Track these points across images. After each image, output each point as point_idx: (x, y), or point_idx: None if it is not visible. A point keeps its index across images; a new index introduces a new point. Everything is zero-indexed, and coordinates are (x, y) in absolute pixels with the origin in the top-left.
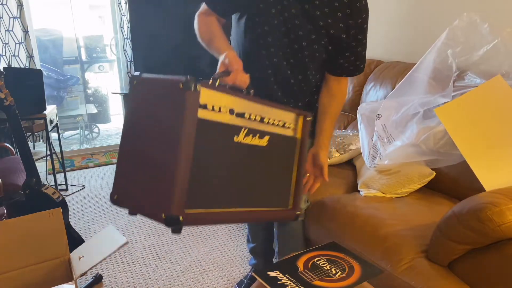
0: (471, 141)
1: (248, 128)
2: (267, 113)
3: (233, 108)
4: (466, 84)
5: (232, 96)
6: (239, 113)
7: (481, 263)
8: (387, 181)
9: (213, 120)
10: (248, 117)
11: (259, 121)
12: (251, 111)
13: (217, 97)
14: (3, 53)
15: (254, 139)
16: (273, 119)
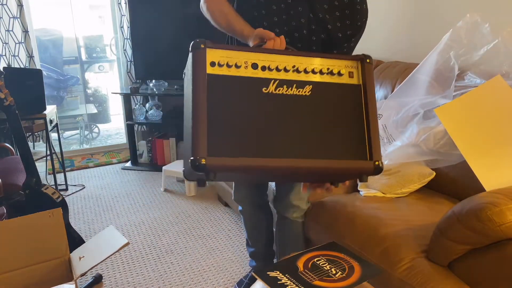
0: (471, 141)
1: (279, 80)
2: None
3: (256, 62)
4: (466, 84)
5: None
6: (264, 67)
7: (481, 263)
8: (387, 181)
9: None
10: (276, 69)
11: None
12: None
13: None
14: (3, 53)
15: (290, 89)
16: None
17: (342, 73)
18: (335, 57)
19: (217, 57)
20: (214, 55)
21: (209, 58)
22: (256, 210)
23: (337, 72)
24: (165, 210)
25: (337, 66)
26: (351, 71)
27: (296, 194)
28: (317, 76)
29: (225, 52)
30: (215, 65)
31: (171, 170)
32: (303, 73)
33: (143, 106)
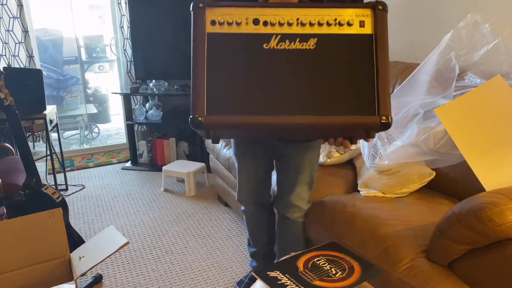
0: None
1: (281, 34)
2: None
3: (257, 18)
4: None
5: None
6: (266, 22)
7: (481, 263)
8: (387, 181)
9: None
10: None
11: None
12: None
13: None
14: (3, 53)
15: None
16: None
17: (351, 23)
18: (345, 6)
19: (218, 15)
20: (215, 13)
21: (209, 16)
22: (259, 210)
23: (346, 22)
24: (165, 210)
25: (347, 15)
26: (362, 20)
27: (297, 194)
28: (323, 28)
29: (225, 10)
30: (215, 23)
31: (171, 170)
32: (308, 26)
33: (143, 106)
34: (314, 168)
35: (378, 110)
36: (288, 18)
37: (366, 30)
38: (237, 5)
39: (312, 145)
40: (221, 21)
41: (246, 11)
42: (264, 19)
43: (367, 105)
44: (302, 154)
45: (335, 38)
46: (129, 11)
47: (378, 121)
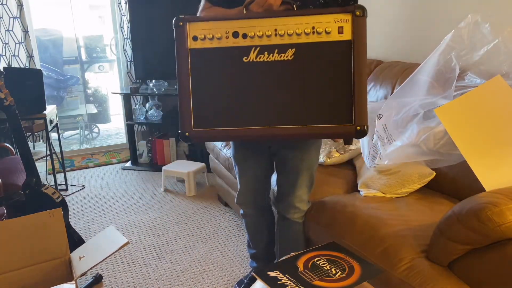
0: (471, 141)
1: (259, 46)
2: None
3: (237, 31)
4: (466, 84)
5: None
6: (245, 34)
7: (481, 263)
8: (387, 181)
9: (212, 47)
10: (258, 36)
11: (273, 35)
12: (262, 29)
13: (214, 26)
14: (3, 53)
15: (272, 55)
16: (298, 30)
17: (329, 30)
18: (323, 12)
19: (199, 31)
20: (196, 29)
21: (191, 32)
22: (258, 213)
23: (324, 30)
24: (165, 210)
25: (324, 22)
26: (341, 25)
27: (297, 196)
28: (301, 37)
29: (206, 24)
30: (197, 39)
31: (171, 170)
32: (286, 36)
33: (143, 106)
34: (313, 169)
35: (354, 119)
36: (266, 29)
37: (345, 37)
38: (216, 19)
39: (311, 146)
40: (201, 36)
41: (225, 24)
42: (243, 31)
43: (343, 114)
44: (301, 156)
45: (313, 46)
46: (129, 11)
47: (353, 130)
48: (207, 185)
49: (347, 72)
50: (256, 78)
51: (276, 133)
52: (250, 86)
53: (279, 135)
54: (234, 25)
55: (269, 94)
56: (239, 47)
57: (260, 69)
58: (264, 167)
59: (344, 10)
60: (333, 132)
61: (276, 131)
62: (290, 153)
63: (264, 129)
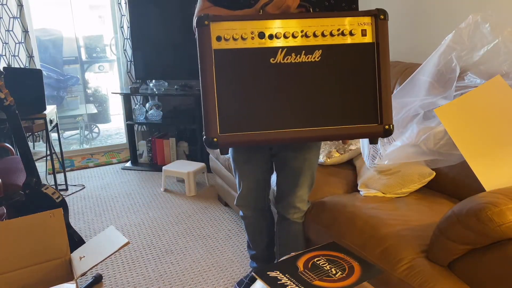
0: (471, 141)
1: (287, 48)
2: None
3: (263, 31)
4: (466, 84)
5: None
6: (271, 35)
7: (481, 263)
8: (387, 181)
9: (237, 48)
10: (284, 37)
11: (300, 37)
12: (289, 30)
13: (239, 26)
14: (3, 53)
15: (299, 57)
16: (324, 31)
17: (354, 32)
18: (347, 15)
19: (223, 31)
20: (220, 29)
21: (214, 32)
22: (258, 215)
23: (349, 32)
24: (165, 210)
25: (349, 24)
26: (364, 28)
27: (297, 196)
28: (327, 39)
29: (230, 24)
30: (221, 39)
31: (171, 170)
32: (312, 37)
33: (143, 106)
34: (313, 169)
35: (381, 118)
36: (293, 30)
37: (368, 39)
38: (241, 19)
39: (311, 147)
40: (226, 36)
41: (250, 24)
42: (270, 32)
43: (371, 114)
44: (301, 156)
45: (338, 48)
46: (129, 11)
47: (381, 130)
48: (207, 185)
49: (372, 73)
50: (283, 80)
51: (305, 136)
52: (277, 88)
53: (308, 137)
54: (260, 25)
55: (297, 96)
56: (266, 48)
57: (287, 71)
58: (264, 169)
59: (367, 13)
60: (361, 132)
61: (305, 133)
62: (292, 153)
63: (293, 132)
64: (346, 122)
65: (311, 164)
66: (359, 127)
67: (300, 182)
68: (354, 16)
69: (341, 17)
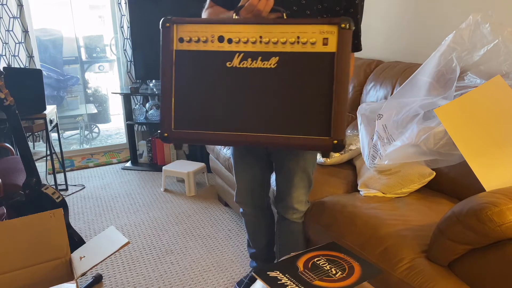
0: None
1: (243, 52)
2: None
3: (222, 35)
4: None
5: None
6: (230, 39)
7: (481, 263)
8: (387, 181)
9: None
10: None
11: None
12: (247, 35)
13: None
14: (3, 53)
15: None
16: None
17: (314, 41)
18: (309, 22)
19: (186, 33)
20: (183, 31)
21: (177, 34)
22: (258, 213)
23: (309, 41)
24: (165, 210)
25: (310, 33)
26: (326, 37)
27: (295, 197)
28: (286, 46)
29: (193, 27)
30: (183, 41)
31: (171, 170)
32: (271, 44)
33: (143, 106)
34: (311, 170)
35: (332, 132)
36: (252, 35)
37: (330, 48)
38: (203, 22)
39: None
40: (188, 38)
41: (212, 28)
42: (229, 36)
43: (322, 127)
44: (297, 157)
45: (297, 56)
46: (129, 11)
47: (330, 144)
48: (207, 185)
49: (328, 84)
50: (238, 84)
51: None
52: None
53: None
54: (220, 29)
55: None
56: (223, 52)
57: (242, 76)
58: (261, 166)
59: (330, 22)
60: (311, 144)
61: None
62: (286, 153)
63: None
64: (297, 132)
65: (306, 164)
66: (310, 138)
67: (295, 183)
68: (317, 24)
69: (303, 25)
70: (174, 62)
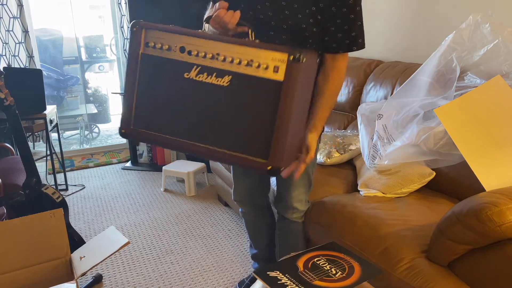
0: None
1: (201, 66)
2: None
3: (184, 46)
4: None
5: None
6: (190, 51)
7: (481, 263)
8: (387, 181)
9: (161, 56)
10: (201, 55)
11: (215, 59)
12: (206, 50)
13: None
14: (3, 53)
15: (210, 77)
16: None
17: (266, 67)
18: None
19: (153, 38)
20: (151, 36)
21: (145, 38)
22: (257, 212)
23: (262, 66)
24: (165, 210)
25: (264, 57)
26: (277, 65)
27: (294, 196)
28: (240, 67)
29: (160, 34)
30: (149, 45)
31: (171, 170)
32: (227, 63)
33: None
34: (310, 169)
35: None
36: (211, 51)
37: (279, 77)
38: (171, 30)
39: None
40: (153, 44)
41: (177, 37)
42: (190, 48)
43: (261, 150)
44: None
45: (248, 79)
46: (129, 11)
47: (265, 168)
48: (207, 185)
49: (273, 111)
50: (192, 95)
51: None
52: (185, 101)
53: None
54: (183, 40)
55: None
56: (183, 62)
57: (197, 88)
58: None
59: (283, 50)
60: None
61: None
62: None
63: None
64: (238, 150)
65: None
66: (248, 158)
67: (294, 182)
68: (271, 50)
69: (259, 49)
70: (140, 65)
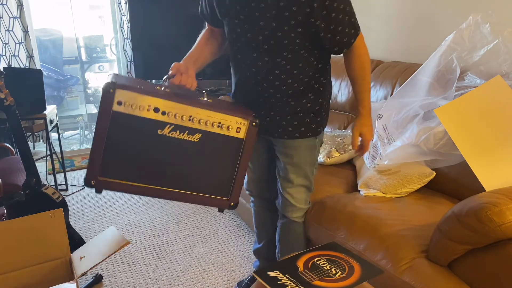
0: (471, 142)
1: (174, 125)
2: (200, 115)
3: (158, 107)
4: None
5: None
6: (164, 112)
7: (481, 263)
8: (387, 181)
9: (133, 114)
10: (174, 116)
11: (187, 120)
12: (179, 112)
13: (140, 97)
14: (3, 53)
15: (182, 134)
16: (208, 121)
17: (230, 128)
18: (230, 113)
19: (125, 98)
20: (123, 96)
21: (118, 97)
22: (264, 204)
23: (227, 127)
24: (165, 210)
25: (228, 121)
26: (239, 127)
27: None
28: (208, 127)
29: (133, 95)
30: (121, 104)
31: None
32: (197, 123)
33: None
34: (308, 168)
35: (231, 195)
36: (183, 113)
37: (240, 135)
38: (144, 92)
39: (300, 145)
40: (126, 103)
41: (150, 99)
42: (164, 109)
43: (224, 190)
44: (292, 154)
45: (215, 136)
46: (129, 11)
47: (227, 204)
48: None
49: (235, 161)
50: (164, 149)
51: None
52: (157, 154)
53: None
54: (157, 102)
55: (171, 163)
56: (157, 121)
57: (170, 143)
58: (264, 157)
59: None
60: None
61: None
62: (282, 149)
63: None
64: (205, 191)
65: (301, 161)
66: (213, 197)
67: (291, 179)
68: (234, 116)
69: (224, 114)
70: (110, 120)
